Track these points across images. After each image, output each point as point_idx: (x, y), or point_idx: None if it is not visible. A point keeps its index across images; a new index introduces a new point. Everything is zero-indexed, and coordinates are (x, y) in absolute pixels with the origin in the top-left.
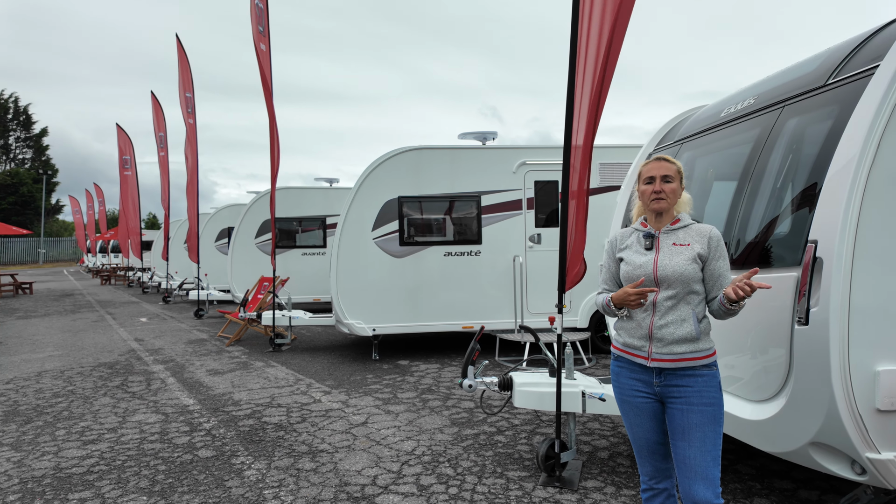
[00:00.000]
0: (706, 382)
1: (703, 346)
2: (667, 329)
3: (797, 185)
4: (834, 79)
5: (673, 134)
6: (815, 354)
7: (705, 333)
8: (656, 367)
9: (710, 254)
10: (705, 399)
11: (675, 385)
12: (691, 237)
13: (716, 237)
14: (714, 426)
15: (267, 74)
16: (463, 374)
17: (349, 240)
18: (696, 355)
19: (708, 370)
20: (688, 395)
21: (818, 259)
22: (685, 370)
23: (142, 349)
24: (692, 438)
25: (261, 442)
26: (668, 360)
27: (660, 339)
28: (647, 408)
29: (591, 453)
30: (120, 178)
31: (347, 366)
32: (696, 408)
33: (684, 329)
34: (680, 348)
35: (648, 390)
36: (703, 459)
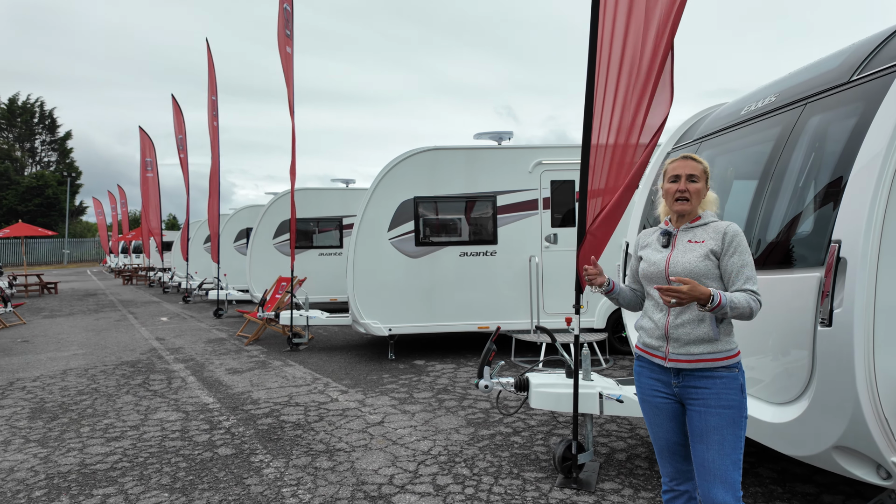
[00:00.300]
0: (725, 384)
1: (722, 347)
2: (683, 329)
3: (820, 183)
4: (858, 75)
5: (692, 132)
6: (839, 356)
7: (726, 334)
8: (673, 367)
9: (724, 249)
10: (724, 401)
11: (694, 386)
12: (707, 234)
13: (731, 232)
14: (734, 429)
15: (290, 77)
16: (479, 375)
17: (365, 240)
18: (714, 356)
19: (728, 371)
20: (706, 396)
21: (842, 259)
22: (703, 371)
23: (163, 348)
24: (710, 441)
25: (279, 440)
26: (684, 360)
27: (676, 340)
28: (666, 408)
29: (608, 455)
30: (141, 179)
31: (364, 365)
32: (714, 410)
33: (701, 329)
34: (697, 349)
35: (667, 391)
36: (723, 463)
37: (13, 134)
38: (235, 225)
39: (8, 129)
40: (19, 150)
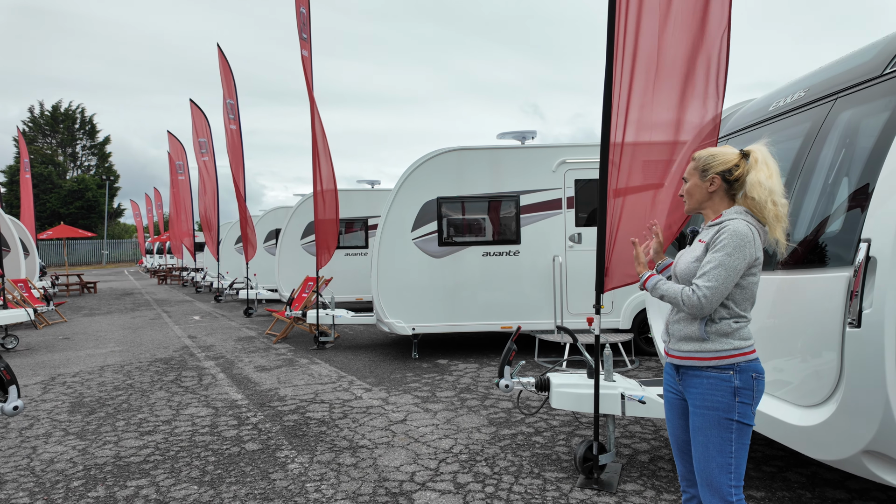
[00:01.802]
0: (711, 385)
1: (711, 347)
2: (676, 325)
3: (850, 180)
4: (892, 69)
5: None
6: (869, 358)
7: (719, 335)
8: (671, 362)
9: (710, 244)
10: (708, 402)
11: (687, 385)
12: (710, 235)
13: (724, 230)
14: (719, 431)
15: (309, 80)
16: (500, 374)
17: (389, 240)
18: (700, 355)
19: (717, 373)
20: (694, 395)
21: (871, 259)
22: (693, 369)
23: (194, 346)
24: (696, 442)
25: (304, 436)
26: (676, 356)
27: (672, 335)
28: (675, 404)
29: (630, 456)
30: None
31: (388, 364)
32: (699, 410)
33: (690, 328)
34: (686, 346)
35: (676, 386)
36: (707, 465)
37: (56, 140)
38: (265, 226)
39: (51, 135)
40: (61, 156)
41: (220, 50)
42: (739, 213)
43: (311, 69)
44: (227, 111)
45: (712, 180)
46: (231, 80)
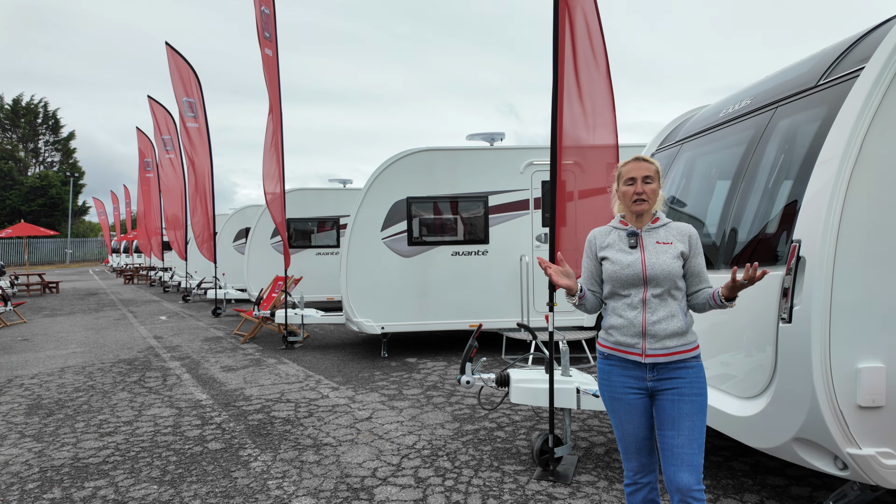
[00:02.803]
0: (696, 374)
1: (690, 338)
2: (660, 325)
3: (785, 185)
4: (825, 80)
5: (675, 134)
6: (799, 352)
7: (691, 327)
8: (651, 362)
9: (691, 251)
10: (695, 389)
11: (668, 378)
12: (672, 235)
13: (695, 235)
14: (701, 415)
15: (274, 79)
16: (461, 371)
17: (359, 240)
18: (685, 348)
19: (696, 361)
20: (680, 385)
21: (801, 258)
22: (677, 363)
23: (160, 346)
24: (682, 427)
25: (268, 435)
26: (662, 354)
27: (653, 336)
28: (638, 403)
29: (587, 449)
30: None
31: (357, 363)
32: (688, 398)
33: (675, 324)
34: (672, 342)
35: (640, 385)
36: (691, 448)
37: (17, 134)
38: (235, 225)
39: (12, 130)
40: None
41: (171, 48)
42: (663, 211)
43: (278, 68)
44: (186, 109)
45: (660, 185)
46: (190, 78)
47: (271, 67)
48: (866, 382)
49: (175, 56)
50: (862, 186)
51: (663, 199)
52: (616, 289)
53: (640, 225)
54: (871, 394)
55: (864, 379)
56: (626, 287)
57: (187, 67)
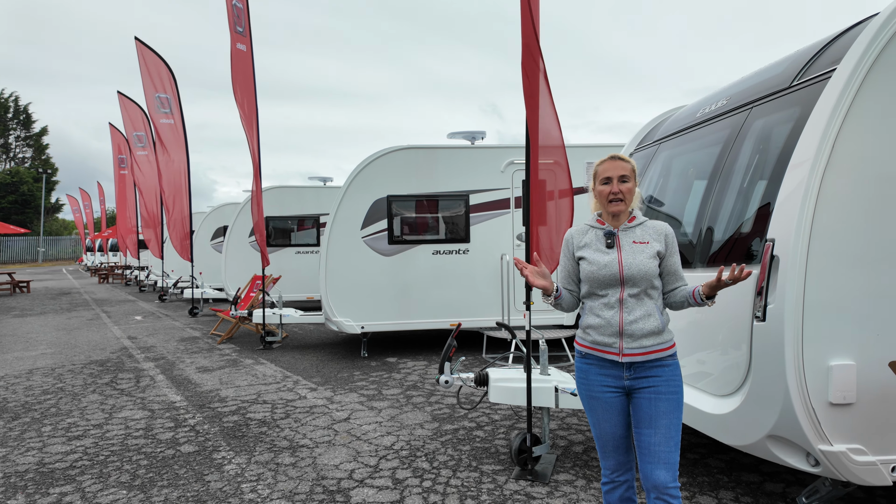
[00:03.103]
0: (672, 372)
1: (667, 337)
2: (637, 325)
3: (760, 184)
4: (798, 81)
5: (653, 134)
6: (772, 350)
7: (667, 325)
8: (628, 361)
9: (668, 250)
10: (672, 388)
11: (645, 376)
12: (649, 235)
13: (671, 234)
14: (677, 413)
15: (248, 74)
16: (440, 371)
17: (338, 238)
18: (662, 346)
19: (672, 360)
20: (657, 384)
21: (775, 257)
22: (654, 362)
23: (134, 347)
24: (659, 426)
25: (243, 437)
26: (639, 353)
27: (631, 335)
28: (615, 402)
29: (566, 448)
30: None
31: (336, 363)
32: (665, 396)
33: (652, 323)
34: (649, 341)
35: (617, 384)
36: (667, 446)
37: None
38: (213, 223)
39: None
40: None
41: (140, 43)
42: (641, 212)
43: (253, 64)
44: (158, 105)
45: (636, 183)
46: (164, 73)
47: (245, 62)
48: (837, 380)
49: (145, 51)
50: (834, 187)
51: (640, 197)
52: (593, 288)
53: (617, 224)
54: (842, 391)
55: (835, 376)
56: (602, 287)
57: (160, 62)
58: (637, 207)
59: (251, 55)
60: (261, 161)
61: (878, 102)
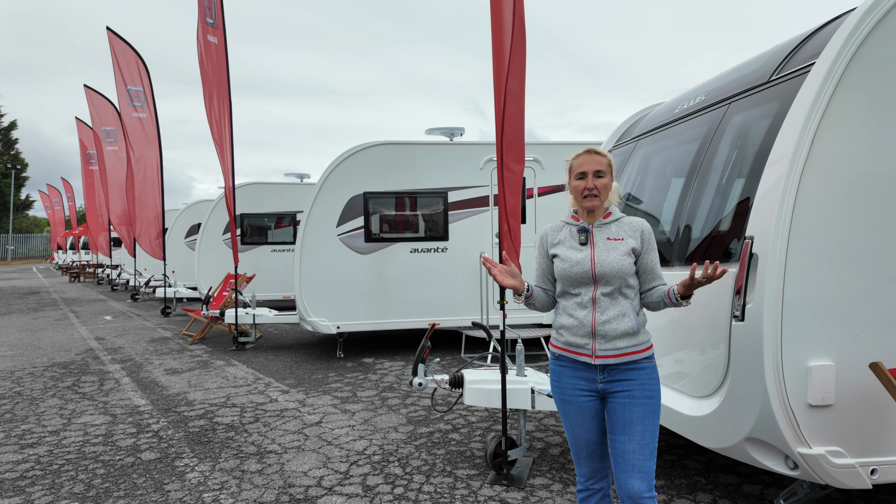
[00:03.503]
0: (648, 375)
1: (642, 338)
2: (609, 325)
3: (738, 181)
4: (777, 75)
5: (631, 131)
6: (750, 350)
7: (643, 326)
8: (601, 363)
9: (643, 247)
10: (647, 392)
11: (619, 380)
12: (624, 231)
13: (647, 231)
14: (653, 419)
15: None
16: (413, 373)
17: (313, 236)
18: (637, 348)
19: (648, 363)
20: (631, 388)
21: (754, 255)
22: (628, 364)
23: (101, 348)
24: (633, 432)
25: (209, 443)
26: (612, 355)
27: (603, 336)
28: (589, 406)
29: (543, 450)
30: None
31: (310, 364)
32: (639, 401)
33: (626, 323)
34: (623, 343)
35: (591, 387)
36: (642, 453)
37: None
38: (187, 220)
39: None
40: None
41: (112, 33)
42: (617, 205)
43: (226, 57)
44: (130, 98)
45: (612, 178)
46: (136, 66)
47: (217, 55)
48: (817, 381)
49: (118, 42)
50: (813, 183)
51: (617, 192)
52: (566, 287)
53: (592, 220)
54: (821, 392)
55: (814, 377)
56: (575, 285)
57: (132, 54)
58: (614, 203)
59: (224, 48)
60: (234, 156)
61: (858, 96)
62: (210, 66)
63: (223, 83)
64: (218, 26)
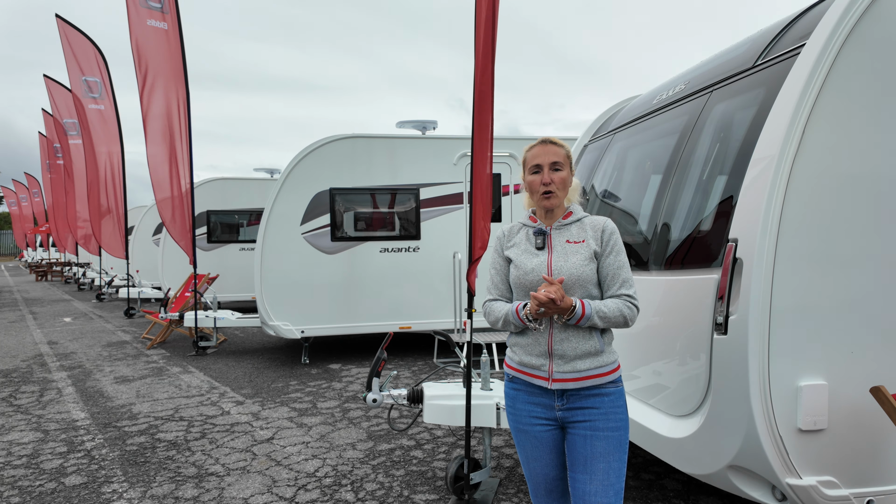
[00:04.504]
0: (612, 402)
1: (607, 359)
2: (568, 343)
3: (721, 177)
4: (762, 60)
5: (608, 124)
6: (734, 367)
7: (608, 344)
8: (559, 388)
9: (603, 248)
10: (611, 422)
11: (580, 408)
12: (585, 232)
13: (609, 229)
14: (619, 453)
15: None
16: (367, 387)
17: (275, 235)
18: (600, 371)
19: (614, 387)
20: (593, 418)
21: (738, 260)
22: (590, 389)
23: (51, 353)
24: (594, 470)
25: (145, 464)
26: (571, 378)
27: (561, 356)
28: (546, 437)
29: (511, 469)
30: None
31: (272, 371)
32: (602, 433)
33: (587, 342)
34: (583, 364)
35: (548, 416)
36: (605, 496)
37: None
38: (154, 217)
39: None
40: None
41: (62, 20)
42: (581, 206)
43: (181, 45)
44: (85, 90)
45: (571, 172)
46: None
47: (170, 43)
48: (808, 402)
49: (69, 30)
50: (804, 178)
51: (578, 188)
52: (520, 297)
53: (551, 221)
54: (812, 415)
55: (805, 398)
56: (530, 295)
57: (86, 42)
58: (576, 201)
59: (179, 35)
60: (192, 150)
61: (854, 79)
62: (156, 54)
63: (177, 73)
64: (168, 10)
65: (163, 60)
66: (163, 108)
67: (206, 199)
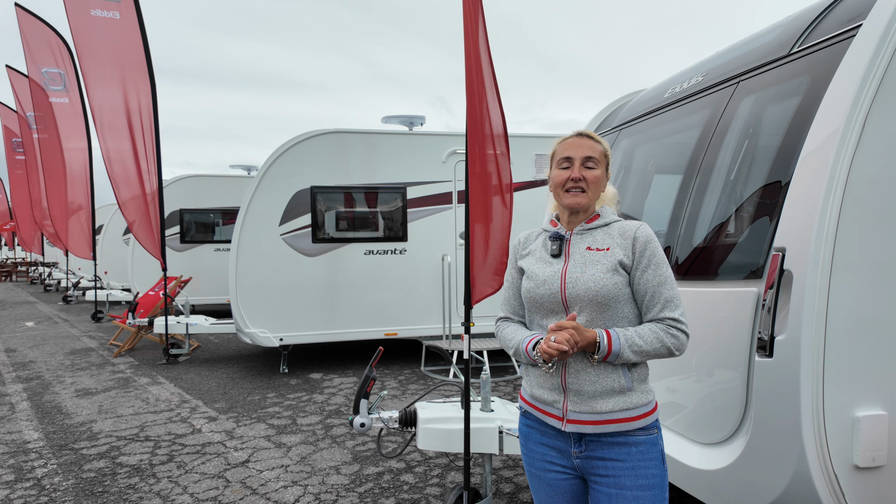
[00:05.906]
0: (643, 454)
1: (637, 399)
2: (585, 376)
3: (757, 178)
4: (800, 47)
5: (611, 119)
6: (781, 394)
7: (641, 381)
8: (575, 431)
9: (636, 261)
10: (641, 479)
11: (601, 458)
12: (612, 239)
13: (643, 237)
14: None
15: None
16: (354, 410)
17: (251, 235)
18: (627, 415)
19: (646, 435)
20: (618, 473)
21: (786, 272)
22: (614, 435)
23: (7, 363)
24: None
25: (102, 494)
26: (589, 421)
27: (577, 392)
28: (563, 487)
29: (512, 495)
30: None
31: (249, 382)
32: (629, 493)
33: (612, 375)
34: (605, 404)
35: (565, 463)
36: None
37: None
38: None
39: None
40: None
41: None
42: (615, 211)
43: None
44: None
45: (607, 175)
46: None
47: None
48: (866, 435)
49: (29, 19)
50: (866, 177)
51: (614, 196)
52: (533, 314)
53: (573, 225)
54: (871, 450)
55: (863, 431)
56: (543, 313)
57: (49, 32)
58: (609, 206)
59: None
60: (159, 147)
61: None
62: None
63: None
64: None
65: (116, 52)
66: (120, 103)
67: (178, 198)
